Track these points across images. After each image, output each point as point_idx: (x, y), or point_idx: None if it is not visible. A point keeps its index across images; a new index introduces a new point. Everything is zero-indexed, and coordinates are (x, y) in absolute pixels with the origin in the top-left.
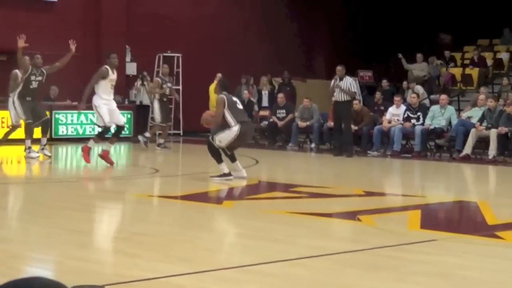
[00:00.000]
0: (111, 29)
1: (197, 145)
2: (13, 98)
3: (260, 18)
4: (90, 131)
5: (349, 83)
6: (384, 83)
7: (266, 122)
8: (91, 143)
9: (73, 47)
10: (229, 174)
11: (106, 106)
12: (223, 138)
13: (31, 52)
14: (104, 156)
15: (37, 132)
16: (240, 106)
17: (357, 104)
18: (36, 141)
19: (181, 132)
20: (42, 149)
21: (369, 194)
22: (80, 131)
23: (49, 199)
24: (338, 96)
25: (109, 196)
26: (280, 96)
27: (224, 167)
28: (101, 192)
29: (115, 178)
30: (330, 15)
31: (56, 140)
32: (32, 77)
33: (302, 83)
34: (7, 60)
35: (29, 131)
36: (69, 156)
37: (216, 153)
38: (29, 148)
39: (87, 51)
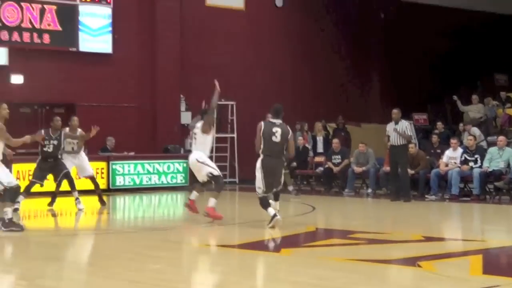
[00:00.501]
0: (166, 80)
1: (253, 193)
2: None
3: (313, 65)
4: (147, 181)
5: (405, 126)
6: (439, 125)
7: (321, 168)
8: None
9: (94, 131)
10: (275, 215)
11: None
12: (257, 181)
13: (88, 105)
14: (191, 205)
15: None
16: (275, 139)
17: (412, 148)
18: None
19: (236, 180)
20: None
21: (428, 239)
22: (137, 181)
23: (109, 250)
24: (394, 140)
25: (167, 246)
26: (335, 141)
27: (271, 210)
28: (159, 242)
29: (173, 228)
30: (384, 59)
31: (113, 191)
32: (46, 142)
33: (357, 128)
34: (65, 113)
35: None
36: (126, 207)
37: (262, 202)
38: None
39: (142, 102)
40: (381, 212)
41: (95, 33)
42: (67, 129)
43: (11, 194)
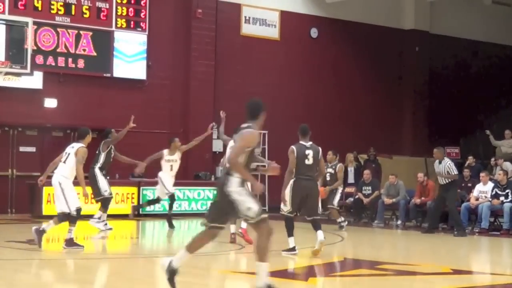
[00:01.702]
0: (199, 107)
1: (282, 221)
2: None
3: (346, 96)
4: (177, 207)
5: (447, 165)
6: (471, 159)
7: (351, 199)
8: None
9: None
10: (293, 249)
11: None
12: (283, 199)
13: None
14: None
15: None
16: (308, 162)
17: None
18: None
19: (266, 208)
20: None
21: (456, 272)
22: (167, 207)
23: (138, 274)
24: (441, 179)
25: (195, 272)
26: (366, 172)
27: (292, 241)
28: (187, 268)
29: (201, 254)
30: (416, 92)
31: (143, 216)
32: (112, 153)
33: (388, 159)
34: (98, 138)
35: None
36: (156, 232)
37: (287, 224)
38: (104, 220)
39: (174, 128)
40: (410, 244)
41: (130, 59)
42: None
43: (75, 218)
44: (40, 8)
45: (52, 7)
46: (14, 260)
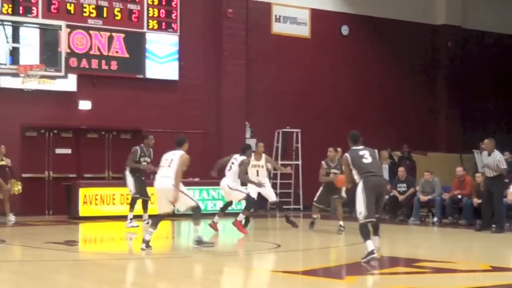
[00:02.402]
0: (231, 106)
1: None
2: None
3: (378, 93)
4: (212, 207)
5: (498, 158)
6: (507, 155)
7: (386, 197)
8: (240, 217)
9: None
10: (372, 252)
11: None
12: (359, 205)
13: (154, 131)
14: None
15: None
16: (366, 160)
17: (479, 177)
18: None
19: (301, 207)
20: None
21: (496, 269)
22: (202, 207)
23: (174, 274)
24: (489, 171)
25: (231, 271)
26: (401, 170)
27: (369, 244)
28: (223, 267)
29: (237, 253)
30: (449, 88)
31: (178, 216)
32: (141, 158)
33: (422, 156)
34: (132, 139)
35: (132, 205)
36: (191, 232)
37: (363, 231)
38: (131, 219)
39: (207, 128)
40: (447, 241)
41: (162, 60)
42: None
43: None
44: (72, 12)
45: (84, 10)
46: (53, 261)
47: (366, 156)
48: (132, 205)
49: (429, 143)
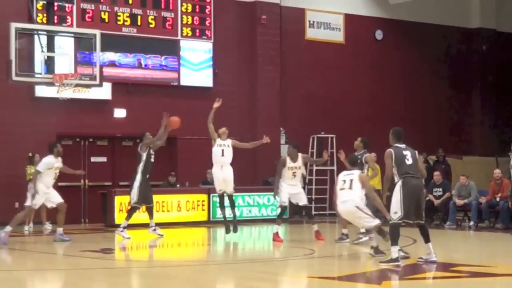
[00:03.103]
0: (266, 112)
1: (353, 225)
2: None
3: (412, 97)
4: (247, 214)
5: None
6: None
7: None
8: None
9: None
10: (396, 260)
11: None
12: (394, 204)
13: (189, 138)
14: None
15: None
16: (408, 161)
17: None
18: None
19: (336, 212)
20: (154, 229)
21: None
22: (237, 213)
23: (209, 282)
24: None
25: (266, 278)
26: (436, 174)
27: (395, 251)
28: (258, 274)
29: (272, 260)
30: (484, 91)
31: (214, 223)
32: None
33: (458, 160)
34: (167, 146)
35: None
36: (227, 238)
37: (393, 232)
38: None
39: (242, 135)
40: (483, 245)
41: (196, 68)
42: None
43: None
44: (107, 20)
45: (118, 18)
46: (89, 269)
47: (408, 157)
48: (130, 213)
49: (464, 147)
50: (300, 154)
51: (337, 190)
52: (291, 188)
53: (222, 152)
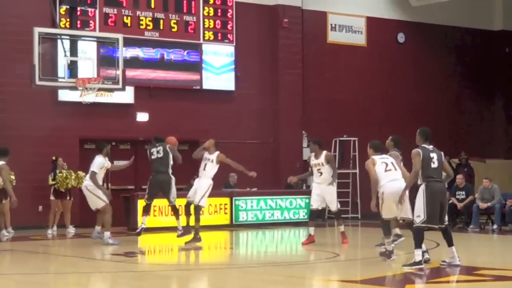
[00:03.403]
0: (288, 116)
1: (376, 229)
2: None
3: (435, 100)
4: (269, 217)
5: None
6: None
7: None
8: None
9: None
10: (420, 263)
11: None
12: (417, 208)
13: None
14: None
15: None
16: (434, 165)
17: None
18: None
19: (359, 215)
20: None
21: None
22: (260, 217)
23: (232, 285)
24: None
25: (290, 281)
26: (459, 177)
27: (419, 254)
28: (282, 277)
29: (296, 263)
30: (507, 94)
31: (236, 226)
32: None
33: (481, 163)
34: (189, 149)
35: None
36: (249, 242)
37: (417, 235)
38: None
39: (264, 138)
40: (507, 249)
41: (218, 71)
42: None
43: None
44: (129, 24)
45: (141, 22)
46: (113, 272)
47: (434, 160)
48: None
49: (487, 150)
50: (324, 152)
51: (381, 171)
52: (317, 187)
53: (205, 166)
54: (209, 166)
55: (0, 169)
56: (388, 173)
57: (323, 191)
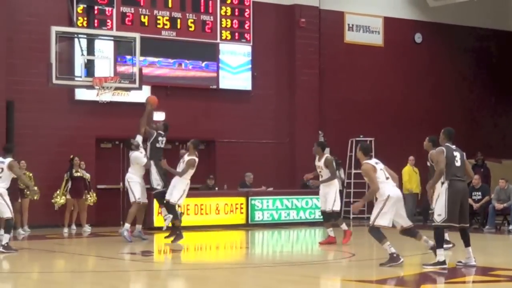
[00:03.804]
0: (304, 115)
1: (391, 229)
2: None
3: (451, 100)
4: (285, 217)
5: None
6: None
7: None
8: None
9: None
10: (443, 263)
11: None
12: (439, 206)
13: (228, 141)
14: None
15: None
16: (457, 163)
17: None
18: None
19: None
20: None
21: None
22: (276, 217)
23: (247, 285)
24: None
25: (306, 281)
26: (476, 177)
27: (441, 255)
28: (297, 277)
29: (312, 263)
30: None
31: (252, 226)
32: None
33: (497, 163)
34: (205, 149)
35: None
36: (265, 241)
37: (438, 236)
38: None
39: (280, 138)
40: None
41: (235, 71)
42: None
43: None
44: (146, 24)
45: (158, 22)
46: (128, 271)
47: (457, 158)
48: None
49: (503, 150)
50: (326, 155)
51: (382, 179)
52: (321, 188)
53: (178, 166)
54: (181, 167)
55: (11, 166)
56: (389, 180)
57: (324, 191)
